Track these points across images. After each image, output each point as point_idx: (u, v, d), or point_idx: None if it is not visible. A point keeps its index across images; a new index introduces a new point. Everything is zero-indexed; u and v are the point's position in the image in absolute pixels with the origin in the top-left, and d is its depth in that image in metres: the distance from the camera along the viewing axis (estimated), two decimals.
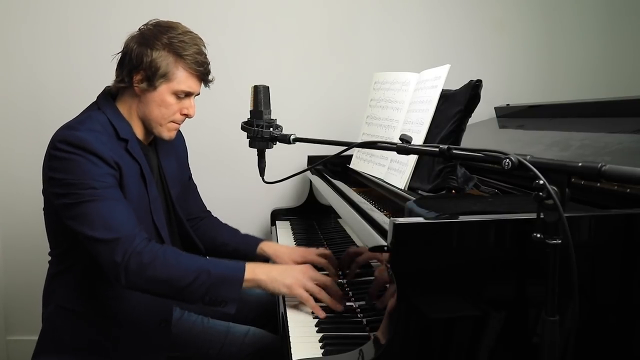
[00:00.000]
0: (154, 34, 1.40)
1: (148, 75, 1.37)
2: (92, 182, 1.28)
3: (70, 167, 1.29)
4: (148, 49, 1.37)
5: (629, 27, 2.39)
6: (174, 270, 1.24)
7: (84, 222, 1.27)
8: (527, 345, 0.93)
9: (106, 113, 1.41)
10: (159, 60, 1.37)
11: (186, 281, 1.22)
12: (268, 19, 2.34)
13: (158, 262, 1.24)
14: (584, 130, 1.52)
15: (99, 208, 1.27)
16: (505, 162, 0.82)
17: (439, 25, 2.37)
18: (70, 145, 1.30)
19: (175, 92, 1.41)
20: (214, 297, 1.23)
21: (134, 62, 1.37)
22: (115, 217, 1.27)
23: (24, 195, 2.34)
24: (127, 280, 1.23)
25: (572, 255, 0.73)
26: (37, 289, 1.73)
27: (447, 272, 0.93)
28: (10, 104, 2.32)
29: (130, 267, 1.22)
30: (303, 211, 2.22)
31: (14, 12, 2.27)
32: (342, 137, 1.85)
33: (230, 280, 1.25)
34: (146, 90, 1.39)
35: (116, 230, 1.25)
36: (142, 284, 1.24)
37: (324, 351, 1.09)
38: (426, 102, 1.49)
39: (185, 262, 1.27)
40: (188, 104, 1.45)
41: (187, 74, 1.40)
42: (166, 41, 1.38)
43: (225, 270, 1.27)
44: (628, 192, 1.01)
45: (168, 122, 1.45)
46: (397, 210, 1.33)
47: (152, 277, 1.23)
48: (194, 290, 1.23)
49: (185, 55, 1.38)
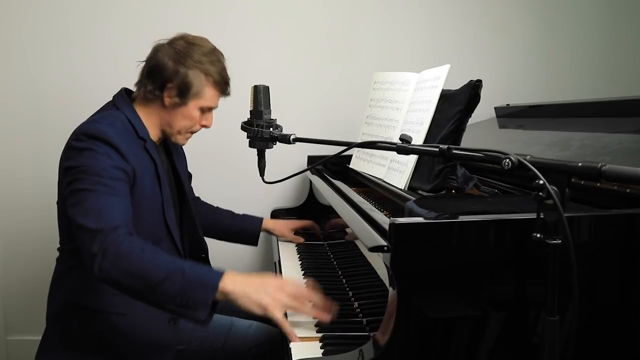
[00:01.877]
0: (187, 51, 1.45)
1: (181, 91, 1.45)
2: (101, 171, 1.30)
3: (85, 156, 1.32)
4: (182, 66, 1.44)
5: (629, 27, 2.39)
6: (148, 264, 1.20)
7: (78, 208, 1.27)
8: (527, 345, 0.93)
9: (125, 113, 1.46)
10: (192, 78, 1.44)
11: (159, 278, 1.18)
12: (268, 19, 2.34)
13: (134, 254, 1.21)
14: (584, 130, 1.52)
15: (97, 198, 1.27)
16: (505, 162, 0.82)
17: (439, 25, 2.37)
18: (89, 136, 1.34)
19: (202, 107, 1.50)
20: (185, 300, 1.17)
21: (167, 76, 1.44)
22: (109, 209, 1.27)
23: (24, 195, 2.34)
24: (99, 270, 1.20)
25: (572, 255, 0.73)
26: (37, 288, 1.73)
27: (447, 272, 0.93)
28: (11, 103, 2.32)
29: (106, 256, 1.20)
30: (303, 211, 2.22)
31: (15, 12, 2.27)
32: (342, 137, 1.85)
33: (203, 285, 1.18)
34: (177, 104, 1.47)
35: (105, 221, 1.24)
36: (114, 274, 1.20)
37: (324, 351, 1.09)
38: (426, 102, 1.49)
39: (162, 259, 1.23)
40: (208, 117, 1.55)
41: (214, 92, 1.49)
42: (197, 59, 1.45)
43: (201, 274, 1.21)
44: (628, 192, 1.01)
45: (187, 132, 1.54)
46: (397, 210, 1.33)
47: (125, 268, 1.20)
48: (166, 289, 1.18)
49: (214, 74, 1.47)
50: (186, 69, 1.43)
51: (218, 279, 1.18)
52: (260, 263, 2.44)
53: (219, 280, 1.18)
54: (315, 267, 1.63)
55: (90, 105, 1.60)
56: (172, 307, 1.19)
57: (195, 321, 1.18)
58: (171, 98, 1.46)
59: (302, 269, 1.64)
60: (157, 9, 2.29)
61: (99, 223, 1.24)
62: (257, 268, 2.44)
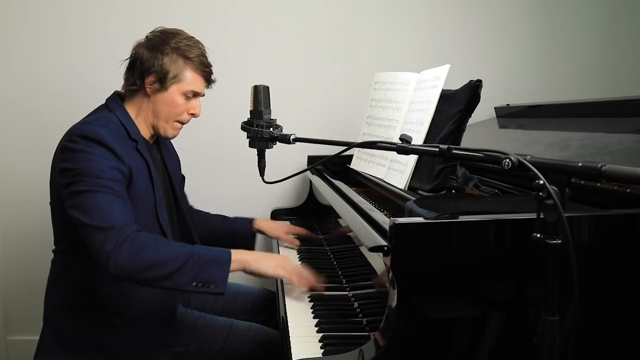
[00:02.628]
0: (162, 39, 1.49)
1: (160, 77, 1.46)
2: (99, 173, 1.32)
3: (82, 158, 1.34)
4: (158, 53, 1.46)
5: (629, 27, 2.39)
6: (166, 254, 1.28)
7: (82, 209, 1.30)
8: (527, 345, 0.93)
9: (117, 114, 1.48)
10: (169, 63, 1.46)
11: (178, 264, 1.27)
12: (268, 19, 2.34)
13: (150, 247, 1.27)
14: (584, 130, 1.52)
15: (100, 198, 1.30)
16: (505, 162, 0.82)
17: (439, 25, 2.37)
18: (85, 138, 1.36)
19: (184, 92, 1.50)
20: (204, 279, 1.28)
21: (146, 65, 1.46)
22: (113, 209, 1.30)
23: (24, 195, 2.34)
24: (115, 266, 1.25)
25: (572, 255, 0.73)
26: (37, 288, 1.73)
27: (447, 272, 0.93)
28: (11, 103, 2.32)
29: (121, 252, 1.25)
30: (303, 211, 2.22)
31: (15, 12, 2.27)
32: (342, 137, 1.85)
33: (219, 261, 1.31)
34: (158, 91, 1.48)
35: (111, 220, 1.28)
36: (132, 268, 1.26)
37: (324, 351, 1.09)
38: (426, 102, 1.49)
39: (175, 247, 1.33)
40: (195, 104, 1.54)
41: (195, 75, 1.50)
42: (174, 45, 1.47)
43: (213, 253, 1.34)
44: (628, 192, 1.01)
45: (174, 121, 1.53)
46: (397, 210, 1.33)
47: (142, 261, 1.26)
48: (185, 273, 1.27)
49: (192, 57, 1.48)
50: (162, 55, 1.46)
51: (229, 254, 1.33)
52: None
53: (230, 255, 1.33)
54: (315, 268, 1.62)
55: (90, 105, 1.60)
56: (191, 288, 1.29)
57: (215, 294, 1.31)
58: (152, 85, 1.47)
59: None
60: (157, 9, 2.29)
61: (108, 222, 1.27)
62: None
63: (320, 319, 1.25)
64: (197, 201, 1.96)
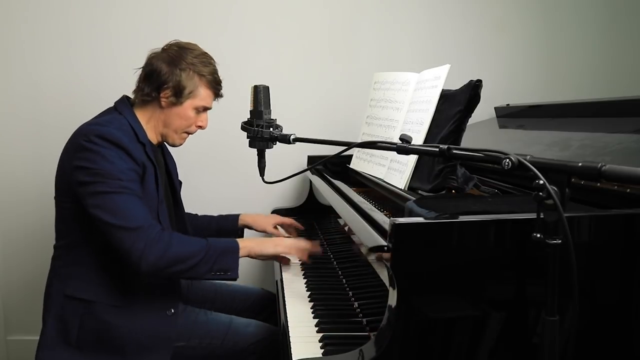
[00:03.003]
0: (180, 54, 1.54)
1: (176, 92, 1.53)
2: (120, 175, 1.39)
3: (101, 159, 1.40)
4: (176, 68, 1.52)
5: (629, 27, 2.39)
6: (188, 249, 1.41)
7: (107, 210, 1.37)
8: (527, 345, 0.93)
9: (127, 117, 1.53)
10: (186, 80, 1.53)
11: (199, 257, 1.40)
12: (268, 19, 2.34)
13: (174, 244, 1.40)
14: (584, 130, 1.52)
15: (123, 200, 1.38)
16: (505, 162, 0.82)
17: (439, 25, 2.37)
18: (104, 139, 1.41)
19: (196, 107, 1.57)
20: (220, 267, 1.43)
21: (162, 79, 1.52)
22: (136, 209, 1.39)
23: (23, 195, 2.34)
24: (146, 263, 1.35)
25: (572, 255, 0.73)
26: (37, 288, 1.73)
27: (447, 272, 0.93)
28: (10, 104, 2.32)
29: (152, 250, 1.36)
30: (303, 211, 2.22)
31: (15, 13, 2.27)
32: (342, 137, 1.85)
33: (230, 251, 1.46)
34: (173, 105, 1.55)
35: (137, 220, 1.37)
36: (161, 264, 1.37)
37: (324, 351, 1.09)
38: (426, 102, 1.49)
39: (193, 241, 1.45)
40: (203, 118, 1.62)
41: (207, 92, 1.57)
42: (190, 61, 1.54)
43: (223, 244, 1.48)
44: (628, 192, 1.01)
45: (183, 132, 1.60)
46: (397, 210, 1.33)
47: (172, 258, 1.38)
48: (204, 263, 1.41)
49: (207, 74, 1.56)
50: (180, 71, 1.52)
51: (237, 244, 1.48)
52: (260, 263, 2.44)
53: (237, 244, 1.48)
54: (315, 267, 1.63)
55: (89, 105, 1.61)
56: (209, 276, 1.44)
57: (230, 279, 1.46)
58: (167, 99, 1.53)
59: (302, 268, 1.64)
60: (157, 10, 2.29)
61: (135, 222, 1.37)
62: (258, 268, 2.44)
63: (320, 319, 1.25)
64: (197, 201, 1.97)
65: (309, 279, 1.55)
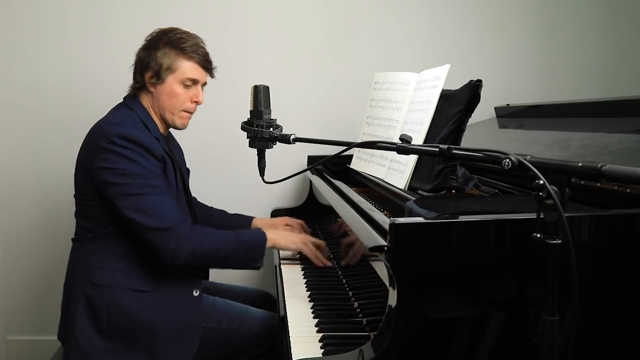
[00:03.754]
0: (157, 37, 1.57)
1: (155, 71, 1.54)
2: (145, 174, 1.44)
3: (125, 159, 1.43)
4: (153, 50, 1.55)
5: (629, 27, 2.39)
6: (218, 243, 1.49)
7: (138, 211, 1.41)
8: (527, 345, 0.93)
9: (138, 113, 1.55)
10: (162, 57, 1.54)
11: (229, 249, 1.49)
12: (269, 19, 2.34)
13: (205, 239, 1.47)
14: (584, 130, 1.52)
15: (152, 199, 1.43)
16: (505, 162, 0.82)
17: (439, 25, 2.37)
18: (125, 139, 1.44)
19: (182, 80, 1.56)
20: (249, 257, 1.52)
21: (143, 63, 1.56)
22: (166, 208, 1.44)
23: (24, 195, 2.34)
24: (180, 261, 1.42)
25: (572, 255, 0.73)
26: (37, 289, 1.74)
27: (447, 272, 0.93)
28: (11, 103, 2.32)
29: (184, 250, 1.42)
30: (303, 211, 2.22)
31: (15, 12, 2.27)
32: (342, 137, 1.85)
33: (258, 242, 1.54)
34: (156, 84, 1.55)
35: (168, 220, 1.42)
36: (194, 260, 1.45)
37: (324, 351, 1.09)
38: (426, 102, 1.49)
39: (222, 235, 1.52)
40: (196, 92, 1.59)
41: (189, 63, 1.56)
42: (166, 40, 1.55)
43: (251, 236, 1.57)
44: (628, 192, 1.01)
45: (180, 111, 1.59)
46: (397, 210, 1.33)
47: (203, 252, 1.46)
48: (235, 254, 1.49)
49: (184, 47, 1.54)
50: (156, 51, 1.54)
51: (263, 235, 1.56)
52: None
53: (264, 236, 1.56)
54: (315, 267, 1.63)
55: (90, 105, 1.61)
56: (237, 266, 1.54)
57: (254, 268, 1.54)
58: (150, 80, 1.55)
59: (302, 268, 1.64)
60: (157, 9, 2.29)
61: (166, 222, 1.42)
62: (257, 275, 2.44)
63: (320, 319, 1.25)
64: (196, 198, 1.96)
65: (309, 279, 1.55)
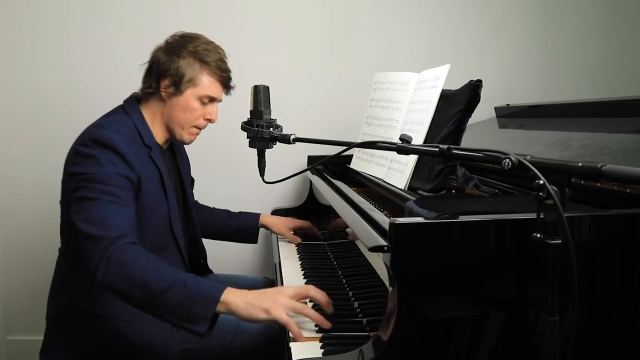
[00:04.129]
0: (180, 43, 1.47)
1: (175, 80, 1.44)
2: (105, 179, 1.30)
3: (90, 162, 1.33)
4: (175, 56, 1.44)
5: (629, 27, 2.39)
6: (151, 274, 1.19)
7: (83, 217, 1.28)
8: (527, 345, 0.93)
9: (133, 119, 1.46)
10: (186, 67, 1.44)
11: (161, 288, 1.17)
12: (268, 19, 2.34)
13: (138, 264, 1.21)
14: (584, 130, 1.52)
15: (101, 207, 1.28)
16: (505, 162, 0.82)
17: (439, 25, 2.37)
18: (96, 142, 1.34)
19: (200, 97, 1.47)
20: (185, 312, 1.16)
21: (162, 69, 1.45)
22: (114, 218, 1.27)
23: (24, 195, 2.34)
24: (103, 277, 1.20)
25: (572, 255, 0.73)
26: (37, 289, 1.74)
27: (447, 272, 0.93)
28: (11, 104, 2.32)
29: (109, 264, 1.20)
30: (303, 211, 2.22)
31: (15, 12, 2.27)
32: (342, 137, 1.85)
33: (205, 297, 1.18)
34: (173, 95, 1.46)
35: (109, 230, 1.24)
36: (117, 282, 1.21)
37: (324, 351, 1.09)
38: (426, 102, 1.49)
39: (165, 270, 1.22)
40: (211, 110, 1.51)
41: (212, 80, 1.47)
42: (192, 49, 1.45)
43: (202, 287, 1.21)
44: (628, 192, 1.01)
45: (191, 127, 1.51)
46: (397, 210, 1.33)
47: (128, 277, 1.20)
48: (167, 299, 1.17)
49: (210, 61, 1.46)
50: (179, 59, 1.44)
51: (219, 292, 1.18)
52: (260, 263, 2.44)
53: (220, 294, 1.18)
54: (315, 267, 1.63)
55: (90, 105, 1.60)
56: (172, 319, 1.19)
57: (195, 334, 1.18)
58: (167, 89, 1.45)
59: (302, 269, 1.64)
60: (157, 9, 2.29)
61: (103, 231, 1.24)
62: (257, 268, 2.44)
63: None
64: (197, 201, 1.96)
65: (309, 279, 1.55)
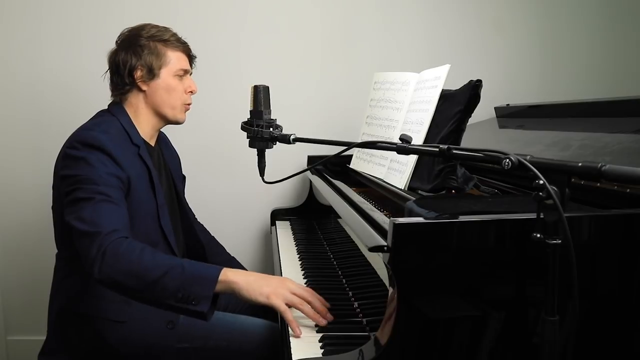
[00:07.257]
0: (133, 35, 1.53)
1: (148, 67, 1.50)
2: (96, 179, 1.33)
3: (80, 164, 1.35)
4: (136, 47, 1.51)
5: (629, 27, 2.39)
6: (147, 263, 1.21)
7: (77, 217, 1.29)
8: (527, 345, 0.93)
9: (119, 119, 1.50)
10: (150, 52, 1.50)
11: (159, 274, 1.19)
12: (268, 19, 2.34)
13: (133, 255, 1.22)
14: (584, 130, 1.52)
15: (94, 206, 1.29)
16: (505, 162, 0.82)
17: (438, 25, 2.37)
18: (85, 144, 1.37)
19: (175, 72, 1.53)
20: (186, 294, 1.18)
21: (130, 64, 1.50)
22: (105, 215, 1.29)
23: (24, 196, 2.34)
24: (100, 271, 1.21)
25: (572, 255, 0.73)
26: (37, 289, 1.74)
27: (447, 272, 0.93)
28: (10, 105, 2.32)
29: (105, 257, 1.21)
30: (303, 211, 2.22)
31: (15, 12, 2.27)
32: (342, 137, 1.84)
33: (203, 278, 1.20)
34: (150, 81, 1.51)
35: (100, 226, 1.26)
36: (114, 275, 1.21)
37: (324, 351, 1.09)
38: (426, 102, 1.49)
39: (160, 257, 1.25)
40: (189, 82, 1.58)
41: (177, 54, 1.54)
42: (147, 35, 1.52)
43: (200, 269, 1.23)
44: (628, 192, 1.01)
45: (181, 105, 1.56)
46: (397, 210, 1.33)
47: (124, 268, 1.21)
48: (165, 285, 1.18)
49: (168, 38, 1.53)
50: (141, 48, 1.50)
51: (218, 272, 1.21)
52: (260, 263, 2.44)
53: (218, 273, 1.21)
54: (315, 267, 1.63)
55: (90, 106, 1.60)
56: (173, 303, 1.19)
57: (197, 315, 1.19)
58: (142, 78, 1.51)
59: (302, 269, 1.64)
60: (157, 9, 2.29)
61: (96, 228, 1.26)
62: (257, 268, 2.44)
63: None
64: (197, 201, 1.96)
65: (309, 279, 1.55)
